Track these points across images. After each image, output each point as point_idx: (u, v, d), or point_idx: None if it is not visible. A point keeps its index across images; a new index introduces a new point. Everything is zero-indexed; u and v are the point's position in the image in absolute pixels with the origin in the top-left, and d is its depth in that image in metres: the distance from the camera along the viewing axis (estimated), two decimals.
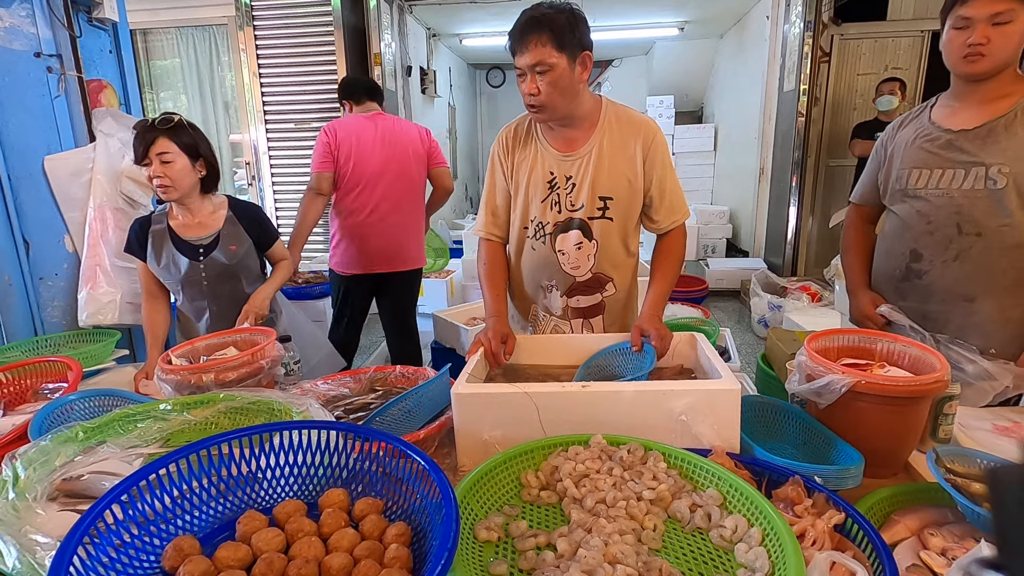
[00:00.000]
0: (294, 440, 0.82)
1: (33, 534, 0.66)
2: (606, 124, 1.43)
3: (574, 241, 1.47)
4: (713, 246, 6.19)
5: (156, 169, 1.65)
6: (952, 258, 1.39)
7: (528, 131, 1.49)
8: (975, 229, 1.35)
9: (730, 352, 2.53)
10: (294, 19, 4.90)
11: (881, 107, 4.04)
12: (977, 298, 1.38)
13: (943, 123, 1.40)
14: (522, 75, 1.33)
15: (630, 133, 1.42)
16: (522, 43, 1.29)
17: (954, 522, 0.86)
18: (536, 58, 1.28)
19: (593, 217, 1.45)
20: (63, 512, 0.76)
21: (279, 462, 0.82)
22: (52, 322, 2.32)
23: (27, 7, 2.13)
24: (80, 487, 0.81)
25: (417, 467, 0.74)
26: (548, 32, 1.27)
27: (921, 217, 1.42)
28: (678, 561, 0.73)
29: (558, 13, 1.28)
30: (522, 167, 1.48)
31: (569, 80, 1.32)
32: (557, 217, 1.47)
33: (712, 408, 0.99)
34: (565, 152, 1.44)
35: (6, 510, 0.71)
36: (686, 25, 6.62)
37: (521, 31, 1.29)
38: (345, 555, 0.67)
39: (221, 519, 0.78)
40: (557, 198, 1.46)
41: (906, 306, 1.47)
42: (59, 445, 0.86)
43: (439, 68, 6.81)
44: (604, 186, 1.42)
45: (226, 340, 1.49)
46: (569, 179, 1.44)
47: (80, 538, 0.61)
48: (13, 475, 0.76)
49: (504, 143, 1.51)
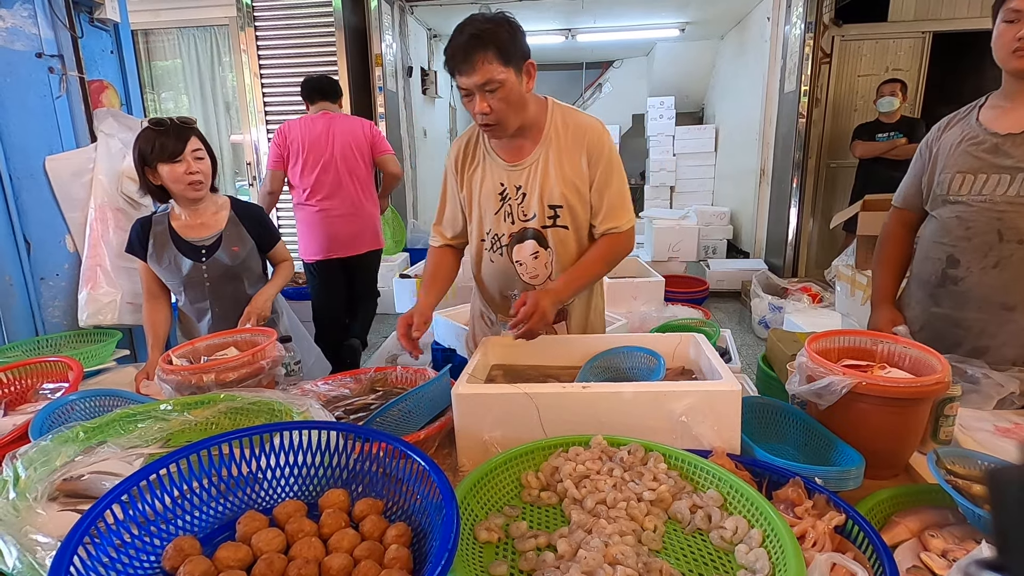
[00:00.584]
0: (294, 440, 0.82)
1: (34, 534, 0.66)
2: (552, 131, 1.40)
3: (530, 251, 1.46)
4: (714, 247, 6.19)
5: (193, 166, 1.67)
6: (991, 265, 1.34)
7: (477, 143, 1.47)
8: (1018, 236, 1.30)
9: (731, 353, 2.53)
10: (295, 20, 4.91)
11: (882, 108, 4.04)
12: (1017, 307, 1.33)
13: (990, 126, 1.34)
14: (469, 95, 1.28)
15: (576, 138, 1.39)
16: (467, 63, 1.23)
17: (955, 523, 0.86)
18: (485, 76, 1.23)
19: (546, 226, 1.43)
20: (64, 512, 0.77)
21: (279, 462, 0.82)
22: (53, 322, 2.32)
23: (29, 8, 2.14)
24: (81, 487, 0.81)
25: (417, 467, 0.74)
26: (493, 48, 1.22)
27: (960, 222, 1.37)
28: (678, 562, 0.73)
29: (498, 27, 1.24)
30: (474, 180, 1.47)
31: (518, 93, 1.29)
32: (511, 228, 1.46)
33: (713, 409, 0.99)
34: (512, 162, 1.42)
35: (7, 510, 0.71)
36: (687, 26, 6.62)
37: (464, 50, 1.23)
38: (345, 556, 0.67)
39: (221, 519, 0.77)
40: (509, 209, 1.44)
41: (940, 312, 1.44)
42: (60, 445, 0.86)
43: (440, 68, 6.82)
44: (553, 194, 1.40)
45: (227, 340, 1.49)
46: (519, 189, 1.42)
47: (80, 538, 0.61)
48: (14, 475, 0.77)
49: (456, 157, 1.49)
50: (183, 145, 1.66)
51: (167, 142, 1.65)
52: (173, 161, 1.66)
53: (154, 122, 1.69)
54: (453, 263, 1.60)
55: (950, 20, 4.55)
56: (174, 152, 1.65)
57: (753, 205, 5.85)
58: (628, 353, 1.31)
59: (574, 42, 7.03)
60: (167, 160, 1.65)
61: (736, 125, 6.47)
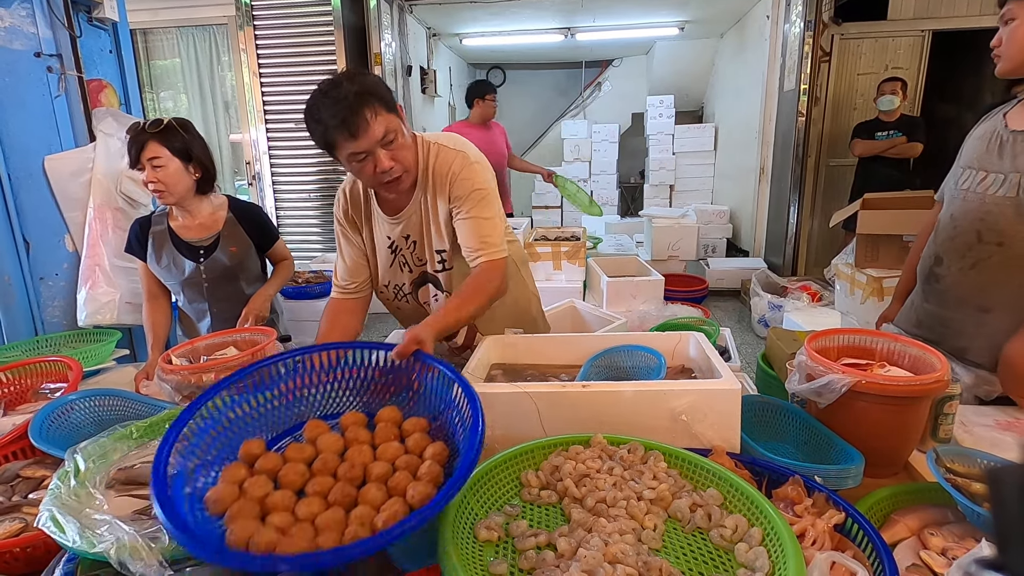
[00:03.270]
0: (365, 359, 0.97)
1: (92, 515, 0.76)
2: (426, 175, 1.33)
3: (431, 294, 1.45)
4: (713, 246, 6.19)
5: (149, 174, 1.66)
6: (969, 266, 1.32)
7: (364, 193, 1.41)
8: (996, 238, 1.27)
9: (730, 352, 2.52)
10: (294, 19, 4.90)
11: (882, 107, 4.04)
12: (993, 310, 1.30)
13: (1010, 122, 1.30)
14: (364, 157, 1.19)
15: (441, 178, 1.32)
16: (359, 123, 1.14)
17: (954, 522, 0.86)
18: (381, 129, 1.17)
19: (437, 271, 1.41)
20: (120, 497, 0.86)
21: (349, 375, 0.97)
22: (52, 322, 2.32)
23: (27, 7, 2.13)
24: (134, 474, 0.90)
25: (459, 394, 0.84)
26: (376, 100, 1.17)
27: (951, 220, 1.37)
28: (678, 561, 0.73)
29: (365, 79, 1.19)
30: (364, 233, 1.44)
31: (406, 138, 1.25)
32: (411, 276, 1.45)
33: (712, 407, 0.99)
34: (393, 215, 1.38)
35: (69, 496, 0.81)
36: (686, 25, 6.61)
37: (353, 110, 1.14)
38: (387, 464, 0.78)
39: (292, 421, 0.92)
40: (404, 259, 1.43)
41: (928, 308, 1.44)
42: (115, 442, 0.97)
43: (439, 68, 6.81)
44: (435, 240, 1.38)
45: (226, 340, 1.49)
46: (408, 238, 1.40)
47: (177, 433, 0.76)
48: (75, 467, 0.87)
49: (344, 211, 1.43)
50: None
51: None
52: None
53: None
54: (355, 315, 1.48)
55: (950, 18, 4.55)
56: (133, 160, 1.66)
57: (753, 204, 5.85)
58: (629, 352, 1.31)
59: (573, 41, 7.02)
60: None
61: (736, 124, 6.46)
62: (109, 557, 0.65)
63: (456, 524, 0.74)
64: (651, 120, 7.23)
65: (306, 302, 3.85)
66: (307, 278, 4.03)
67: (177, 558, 0.69)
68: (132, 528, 0.69)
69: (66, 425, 1.20)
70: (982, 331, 1.32)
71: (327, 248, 5.41)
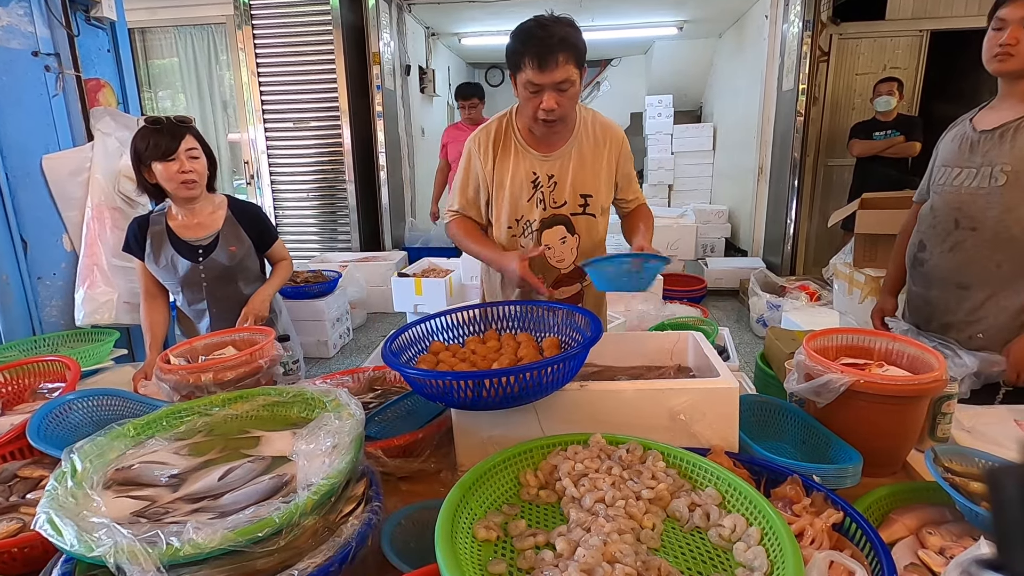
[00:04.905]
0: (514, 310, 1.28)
1: (90, 517, 0.74)
2: (582, 128, 1.53)
3: (559, 236, 1.56)
4: (712, 245, 6.18)
5: (186, 164, 1.67)
6: (948, 249, 1.50)
7: (507, 134, 1.54)
8: (971, 224, 1.45)
9: (729, 351, 2.53)
10: (293, 18, 4.90)
11: (879, 107, 4.04)
12: (971, 286, 1.47)
13: (977, 124, 1.48)
14: (537, 90, 1.35)
15: (604, 137, 1.54)
16: (550, 61, 1.30)
17: (952, 521, 0.87)
18: (563, 76, 1.32)
19: (575, 213, 1.55)
20: (117, 499, 0.84)
21: (516, 312, 1.27)
22: (50, 321, 2.31)
23: (25, 6, 2.13)
24: (132, 475, 0.88)
25: (584, 320, 1.13)
26: (573, 51, 1.32)
27: (931, 211, 1.55)
28: (677, 560, 0.73)
29: (573, 30, 1.33)
30: (504, 169, 1.54)
31: (578, 92, 1.39)
32: (543, 214, 1.55)
33: (711, 407, 0.99)
34: (545, 153, 1.52)
35: (66, 497, 0.79)
36: (685, 24, 6.62)
37: (551, 49, 1.30)
38: (531, 349, 1.13)
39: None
40: (541, 196, 1.53)
41: (915, 291, 1.62)
42: (112, 440, 0.94)
43: (438, 67, 6.81)
44: (584, 184, 1.53)
45: (225, 340, 1.49)
46: (551, 178, 1.52)
47: (397, 336, 1.13)
48: (71, 467, 0.84)
49: (483, 146, 1.55)
50: (177, 143, 1.65)
51: (161, 140, 1.65)
52: (167, 159, 1.65)
53: (150, 120, 1.69)
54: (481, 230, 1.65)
55: (947, 18, 4.56)
56: (168, 150, 1.65)
57: (751, 203, 5.85)
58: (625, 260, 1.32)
59: None
60: (161, 158, 1.65)
61: (734, 123, 6.46)
62: (107, 561, 0.65)
63: (455, 523, 0.74)
64: (650, 120, 7.23)
65: (305, 302, 3.85)
66: (306, 278, 4.03)
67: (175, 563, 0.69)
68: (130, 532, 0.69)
69: (64, 425, 1.20)
70: (963, 306, 1.49)
71: (325, 248, 5.41)
